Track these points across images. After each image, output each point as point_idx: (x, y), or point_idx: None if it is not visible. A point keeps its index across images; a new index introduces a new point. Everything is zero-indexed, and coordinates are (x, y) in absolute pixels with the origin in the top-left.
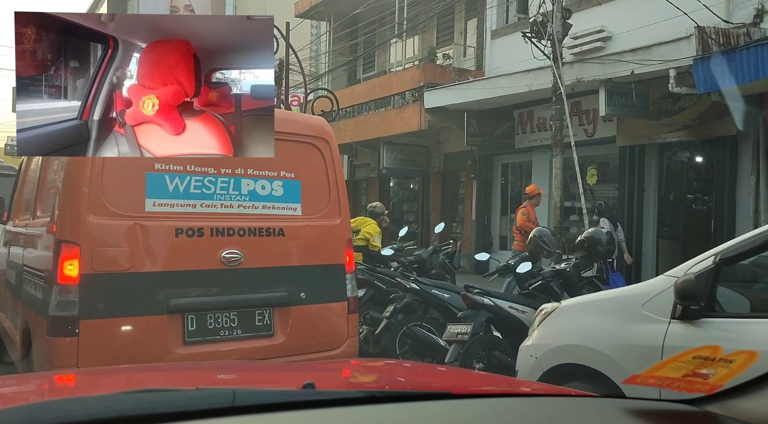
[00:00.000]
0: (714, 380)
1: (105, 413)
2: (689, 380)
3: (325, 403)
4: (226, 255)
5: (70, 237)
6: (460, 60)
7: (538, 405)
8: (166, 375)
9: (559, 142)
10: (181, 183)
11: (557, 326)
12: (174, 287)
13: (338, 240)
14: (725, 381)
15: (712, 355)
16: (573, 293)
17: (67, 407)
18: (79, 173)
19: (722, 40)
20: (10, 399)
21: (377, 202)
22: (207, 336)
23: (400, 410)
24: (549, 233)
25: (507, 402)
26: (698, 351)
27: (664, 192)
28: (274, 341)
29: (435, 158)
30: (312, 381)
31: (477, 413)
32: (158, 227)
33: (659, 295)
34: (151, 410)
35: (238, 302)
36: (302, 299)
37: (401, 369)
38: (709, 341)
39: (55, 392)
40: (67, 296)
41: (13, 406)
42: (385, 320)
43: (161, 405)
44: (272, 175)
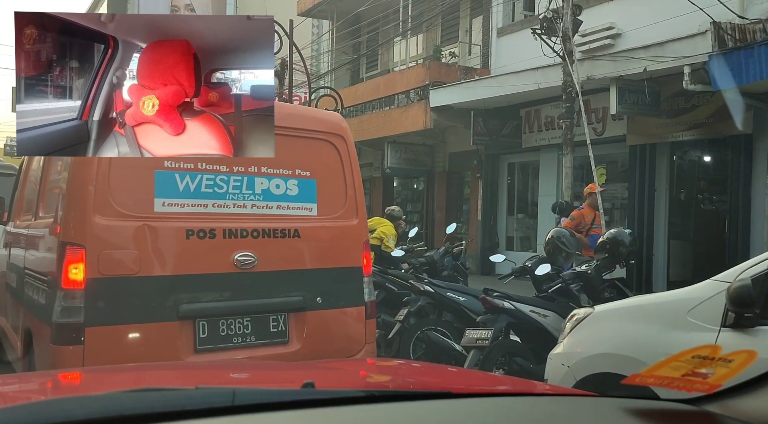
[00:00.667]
0: (713, 379)
1: (104, 412)
2: (688, 379)
3: (324, 402)
4: (240, 258)
5: (75, 239)
6: (465, 58)
7: (537, 405)
8: (165, 374)
9: (569, 140)
10: (191, 182)
11: (592, 333)
12: (185, 292)
13: (355, 242)
14: (724, 380)
15: (711, 354)
16: (594, 297)
17: (66, 406)
18: (85, 171)
19: (738, 35)
20: (10, 398)
21: (395, 206)
22: (219, 343)
23: (399, 410)
24: (568, 234)
25: (507, 402)
26: (697, 351)
27: (676, 192)
28: (289, 349)
29: (440, 158)
30: (311, 380)
31: (476, 412)
32: (168, 228)
33: (707, 301)
34: (151, 409)
35: (251, 307)
36: (318, 304)
37: (401, 369)
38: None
39: (54, 391)
40: (72, 302)
41: (12, 405)
42: (398, 324)
43: (161, 404)
44: (287, 174)
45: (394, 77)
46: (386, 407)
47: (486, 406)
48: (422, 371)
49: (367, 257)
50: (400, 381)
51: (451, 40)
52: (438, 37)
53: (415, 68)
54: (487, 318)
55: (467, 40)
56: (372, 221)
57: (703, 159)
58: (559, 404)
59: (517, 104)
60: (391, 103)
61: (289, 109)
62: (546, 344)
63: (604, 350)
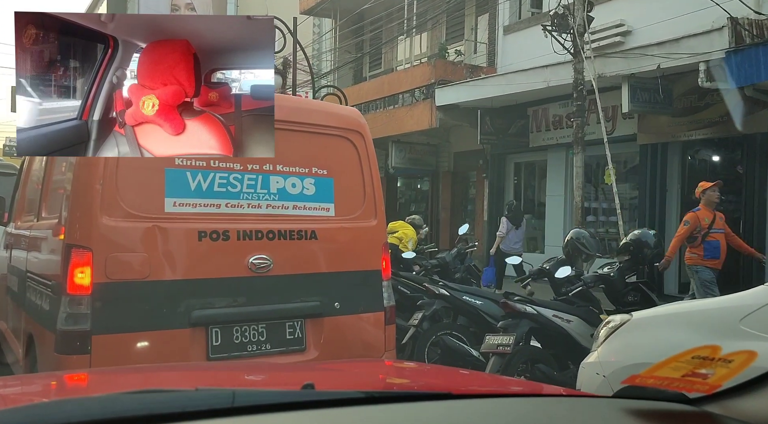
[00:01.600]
0: (713, 379)
1: (104, 414)
2: (688, 379)
3: (324, 403)
4: (255, 261)
5: (81, 241)
6: (471, 57)
7: (537, 405)
8: (165, 375)
9: (580, 139)
10: (204, 180)
11: (630, 342)
12: (197, 297)
13: (374, 244)
14: (724, 381)
15: (711, 355)
16: (617, 300)
17: (66, 408)
18: (92, 169)
19: (755, 31)
20: (10, 400)
21: (416, 215)
22: (233, 351)
23: (399, 411)
24: (587, 235)
25: (507, 402)
26: (697, 351)
27: (688, 192)
28: (306, 356)
29: (445, 157)
30: (312, 382)
31: (476, 413)
32: (179, 229)
33: (763, 308)
34: (151, 410)
35: (267, 313)
36: (336, 310)
37: (401, 370)
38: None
39: (54, 393)
40: (78, 308)
41: (12, 407)
42: (412, 329)
43: (161, 405)
44: (303, 172)
45: (399, 76)
46: (386, 408)
47: (486, 407)
48: (426, 372)
49: (386, 260)
50: (401, 382)
51: (457, 38)
52: (443, 35)
53: (420, 67)
54: (508, 323)
55: (473, 38)
56: (395, 224)
57: (716, 158)
58: (559, 405)
59: (524, 103)
60: (396, 102)
61: (304, 104)
62: (569, 350)
63: (645, 360)
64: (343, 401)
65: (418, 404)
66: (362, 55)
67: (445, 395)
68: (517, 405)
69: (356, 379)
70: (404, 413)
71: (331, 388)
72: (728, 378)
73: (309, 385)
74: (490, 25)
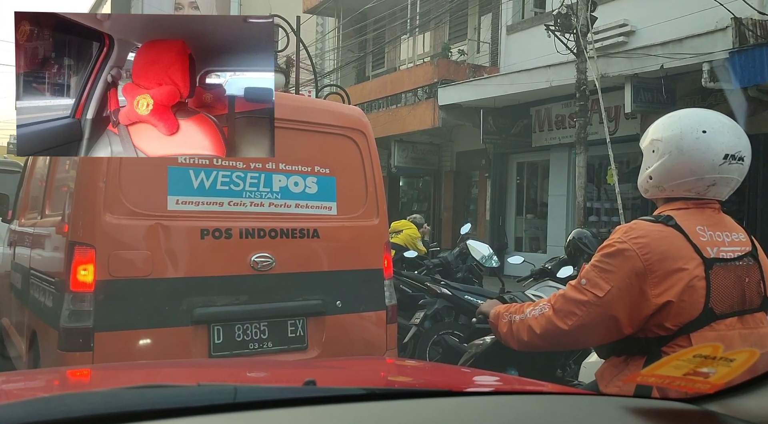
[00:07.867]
0: (715, 378)
1: (106, 409)
2: (690, 378)
3: (325, 399)
4: (257, 259)
5: (85, 238)
6: (474, 56)
7: (537, 403)
8: (167, 371)
9: (582, 139)
10: (207, 179)
11: None
12: (199, 295)
13: (376, 242)
14: (726, 380)
15: (712, 353)
16: None
17: (67, 402)
18: (95, 167)
19: (759, 32)
20: (12, 394)
21: (417, 214)
22: (235, 350)
23: (400, 408)
24: (590, 235)
25: (507, 400)
26: (698, 350)
27: None
28: (308, 355)
29: (447, 157)
30: (313, 378)
31: (477, 410)
32: (182, 227)
33: None
34: (153, 405)
35: (269, 311)
36: (338, 308)
37: (403, 367)
38: None
39: (56, 388)
40: (81, 305)
41: (13, 401)
42: (414, 328)
43: (162, 401)
44: (306, 171)
45: (402, 75)
46: (387, 404)
47: (487, 404)
48: (427, 370)
49: (388, 259)
50: (403, 379)
51: (460, 38)
52: (446, 35)
53: (423, 66)
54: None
55: (476, 38)
56: (398, 224)
57: None
58: (559, 403)
59: (526, 103)
60: (399, 102)
61: (307, 103)
62: None
63: None
64: (345, 397)
65: (419, 401)
66: (365, 55)
67: (446, 392)
68: (517, 403)
69: (358, 376)
70: (405, 410)
71: (333, 385)
72: (729, 377)
73: (311, 381)
74: (493, 25)
